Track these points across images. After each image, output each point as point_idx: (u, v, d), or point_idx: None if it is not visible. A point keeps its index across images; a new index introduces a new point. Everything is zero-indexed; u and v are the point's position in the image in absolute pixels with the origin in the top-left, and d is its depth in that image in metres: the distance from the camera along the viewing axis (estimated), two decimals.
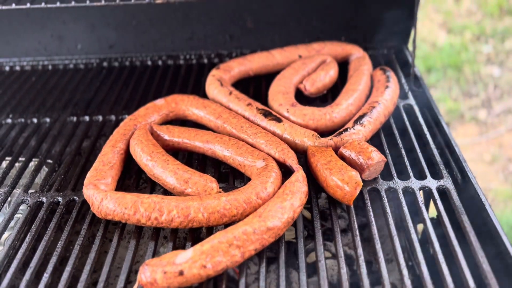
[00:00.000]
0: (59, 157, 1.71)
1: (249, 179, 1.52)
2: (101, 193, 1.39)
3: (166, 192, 1.51)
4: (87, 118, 1.91)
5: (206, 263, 1.18)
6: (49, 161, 1.74)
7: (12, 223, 1.50)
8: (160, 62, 2.29)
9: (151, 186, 1.55)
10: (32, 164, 1.71)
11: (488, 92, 4.84)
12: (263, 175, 1.41)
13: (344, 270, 1.23)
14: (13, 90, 2.14)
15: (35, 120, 1.92)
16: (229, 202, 1.32)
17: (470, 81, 4.97)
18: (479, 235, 1.29)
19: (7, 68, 2.34)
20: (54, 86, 2.15)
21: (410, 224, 1.35)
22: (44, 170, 1.71)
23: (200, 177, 1.42)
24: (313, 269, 1.56)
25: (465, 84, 4.93)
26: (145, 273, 1.17)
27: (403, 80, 1.98)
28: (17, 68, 2.33)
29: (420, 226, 1.63)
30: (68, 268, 1.29)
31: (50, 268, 1.30)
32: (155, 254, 1.34)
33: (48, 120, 1.92)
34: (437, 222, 1.38)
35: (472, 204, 1.41)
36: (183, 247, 1.35)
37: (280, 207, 1.30)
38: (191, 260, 1.18)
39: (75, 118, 1.91)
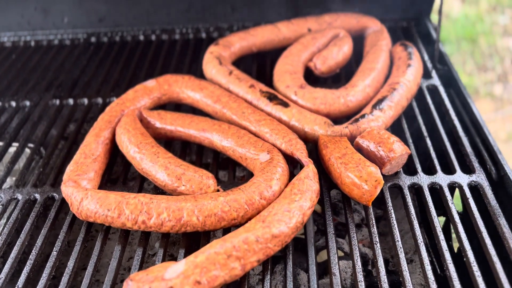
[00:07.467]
0: (38, 146, 1.53)
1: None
2: (80, 192, 1.21)
3: (157, 189, 1.32)
4: (71, 101, 1.72)
5: (201, 278, 1.01)
6: (27, 150, 1.56)
7: None
8: (153, 37, 2.08)
9: (140, 181, 1.37)
10: (8, 154, 1.52)
11: (505, 66, 4.63)
12: (267, 171, 1.22)
13: (361, 275, 1.06)
14: None
15: (13, 104, 1.73)
16: (228, 204, 1.14)
17: (486, 54, 4.75)
18: None
19: None
20: (37, 65, 1.95)
21: (439, 229, 1.16)
22: (22, 161, 1.53)
23: (195, 173, 1.24)
24: (322, 269, 1.39)
25: (480, 58, 4.71)
26: None
27: (426, 57, 1.76)
28: None
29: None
30: (42, 281, 1.12)
31: (22, 278, 1.13)
32: (143, 263, 1.17)
33: (28, 103, 1.73)
34: (470, 225, 1.19)
35: (511, 204, 1.22)
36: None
37: (287, 209, 1.11)
38: (182, 275, 1.01)
39: (58, 101, 1.72)
